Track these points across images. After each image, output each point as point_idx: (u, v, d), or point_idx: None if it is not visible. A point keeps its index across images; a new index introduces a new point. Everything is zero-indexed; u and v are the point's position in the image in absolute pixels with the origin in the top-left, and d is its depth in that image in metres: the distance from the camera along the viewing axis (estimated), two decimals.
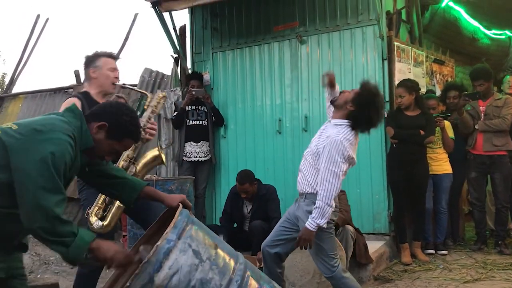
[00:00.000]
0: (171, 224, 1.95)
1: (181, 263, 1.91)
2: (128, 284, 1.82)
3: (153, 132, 3.04)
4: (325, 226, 2.81)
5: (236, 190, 4.66)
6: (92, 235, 1.90)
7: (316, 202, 2.79)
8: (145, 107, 3.14)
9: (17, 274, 2.03)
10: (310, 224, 2.79)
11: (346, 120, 2.88)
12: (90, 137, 2.01)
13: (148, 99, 3.15)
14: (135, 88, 3.54)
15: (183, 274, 1.90)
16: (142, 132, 2.88)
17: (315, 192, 2.86)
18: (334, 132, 2.85)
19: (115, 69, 3.14)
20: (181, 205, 2.12)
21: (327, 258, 2.92)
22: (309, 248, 2.92)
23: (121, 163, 2.93)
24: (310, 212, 2.83)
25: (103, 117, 2.03)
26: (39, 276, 4.71)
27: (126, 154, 2.92)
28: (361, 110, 2.84)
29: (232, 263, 2.07)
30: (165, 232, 1.92)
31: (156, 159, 3.11)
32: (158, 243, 1.88)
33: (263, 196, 4.56)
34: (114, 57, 3.20)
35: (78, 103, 2.86)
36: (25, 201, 1.77)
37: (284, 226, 3.11)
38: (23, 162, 1.78)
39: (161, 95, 3.19)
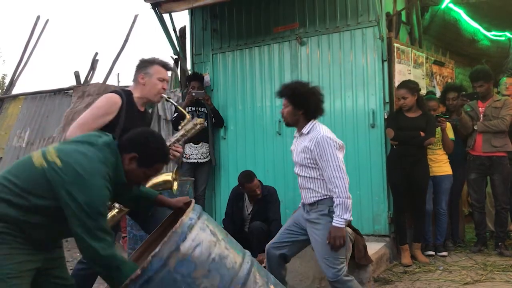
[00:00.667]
0: (190, 208, 2.19)
1: (202, 238, 2.13)
2: (157, 250, 2.00)
3: (177, 154, 3.04)
4: (351, 219, 2.90)
5: (237, 191, 4.65)
6: (135, 269, 2.05)
7: (335, 200, 2.87)
8: (179, 127, 3.11)
9: (58, 264, 2.30)
10: (338, 222, 2.86)
11: (307, 122, 3.04)
12: (123, 174, 2.19)
13: (185, 121, 3.11)
14: (178, 105, 3.44)
15: (204, 247, 2.12)
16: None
17: (325, 196, 2.95)
18: (311, 135, 2.98)
19: (164, 80, 3.07)
20: (193, 200, 2.39)
21: (335, 261, 2.93)
22: (316, 252, 2.96)
23: None
24: (325, 215, 2.92)
25: (133, 148, 2.20)
26: None
27: None
28: (306, 104, 3.01)
29: (241, 251, 2.34)
30: (186, 211, 2.16)
31: (166, 184, 3.07)
32: (182, 218, 2.11)
33: (264, 197, 4.56)
34: (169, 67, 3.15)
35: (119, 100, 2.91)
36: (76, 241, 2.04)
37: (290, 229, 3.14)
38: (69, 204, 1.99)
39: (199, 121, 3.13)
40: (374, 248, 4.41)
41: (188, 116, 3.16)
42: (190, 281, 2.04)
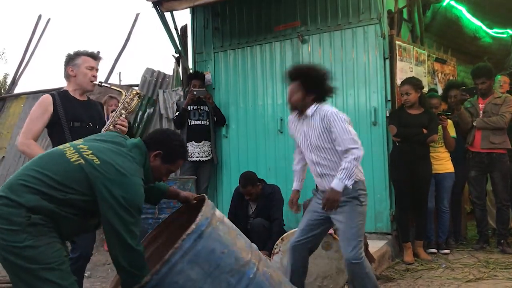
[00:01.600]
0: (206, 203, 2.33)
1: (222, 219, 2.37)
2: (202, 213, 2.22)
3: (123, 128, 3.04)
4: (351, 187, 2.87)
5: (239, 190, 4.66)
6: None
7: (343, 164, 2.85)
8: (119, 104, 3.19)
9: None
10: (338, 184, 2.84)
11: (312, 105, 3.03)
12: (150, 173, 2.32)
13: (123, 96, 3.17)
14: (112, 86, 3.51)
15: (227, 225, 2.37)
16: (111, 127, 3.01)
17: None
18: (321, 115, 2.98)
19: (93, 68, 3.15)
20: (205, 196, 2.51)
21: (358, 244, 2.94)
22: (341, 233, 2.97)
23: None
24: (353, 198, 2.91)
25: (157, 146, 2.33)
26: None
27: None
28: (318, 88, 3.04)
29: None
30: (205, 203, 2.32)
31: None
32: (207, 200, 2.38)
33: (268, 195, 4.56)
34: (94, 56, 3.21)
35: (49, 97, 3.04)
36: (110, 235, 2.11)
37: (312, 222, 3.11)
38: (109, 200, 2.07)
39: (134, 92, 3.18)
40: (376, 246, 4.41)
41: (123, 92, 3.20)
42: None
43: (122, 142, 2.29)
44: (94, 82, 3.16)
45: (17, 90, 9.90)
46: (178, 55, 6.00)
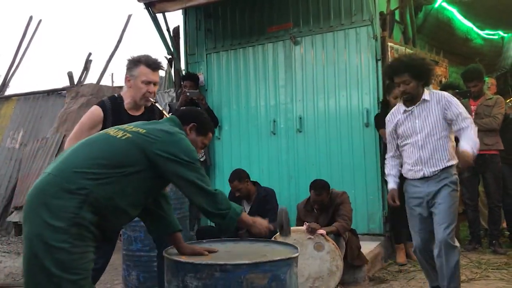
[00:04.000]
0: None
1: None
2: None
3: None
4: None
5: (233, 193, 4.64)
6: (240, 208, 2.26)
7: (472, 136, 3.06)
8: None
9: None
10: (473, 151, 3.00)
11: (423, 90, 3.23)
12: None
13: None
14: (163, 110, 3.12)
15: None
16: None
17: (449, 164, 3.15)
18: (436, 99, 3.20)
19: (150, 82, 2.91)
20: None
21: (454, 227, 3.13)
22: (439, 215, 3.11)
23: None
24: (453, 182, 3.14)
25: (191, 119, 2.40)
26: None
27: None
28: (427, 75, 3.24)
29: None
30: None
31: None
32: None
33: (262, 198, 4.54)
34: (154, 67, 2.94)
35: (100, 113, 2.89)
36: (189, 189, 2.17)
37: (423, 219, 3.24)
38: (174, 166, 2.12)
39: None
40: (369, 247, 4.41)
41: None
42: None
43: (159, 122, 2.39)
44: (150, 98, 2.93)
45: (8, 92, 9.84)
46: (170, 57, 5.98)
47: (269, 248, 2.38)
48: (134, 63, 2.92)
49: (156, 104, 3.05)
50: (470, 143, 3.02)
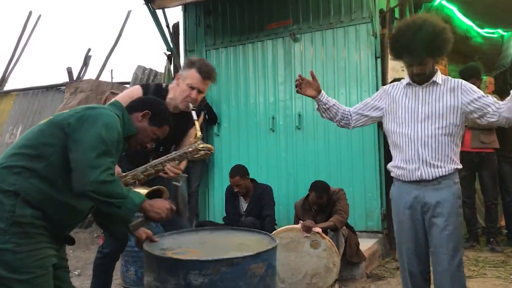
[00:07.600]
0: None
1: None
2: None
3: (171, 174, 2.79)
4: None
5: (231, 189, 4.65)
6: (142, 197, 2.02)
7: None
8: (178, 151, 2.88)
9: (63, 265, 2.15)
10: None
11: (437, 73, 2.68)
12: (133, 125, 2.21)
13: (193, 140, 2.81)
14: (196, 121, 2.82)
15: None
16: (160, 166, 2.75)
17: (454, 167, 2.67)
18: (450, 86, 2.64)
19: (195, 88, 2.79)
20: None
21: (462, 254, 2.62)
22: (451, 239, 2.53)
23: (128, 176, 2.66)
24: (455, 195, 2.61)
25: (145, 107, 2.25)
26: None
27: (135, 174, 2.67)
28: (442, 50, 2.63)
29: None
30: None
31: (156, 194, 2.58)
32: None
33: (259, 195, 4.56)
34: (205, 76, 2.80)
35: (139, 92, 2.82)
36: (78, 165, 1.89)
37: (416, 235, 2.65)
38: (80, 131, 1.93)
39: (205, 147, 2.76)
40: (367, 244, 4.43)
41: (198, 134, 2.77)
42: None
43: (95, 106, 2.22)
44: (190, 104, 2.77)
45: (7, 87, 9.82)
46: (169, 53, 5.98)
47: (239, 237, 2.47)
48: (189, 64, 2.85)
49: (193, 112, 2.81)
50: None
